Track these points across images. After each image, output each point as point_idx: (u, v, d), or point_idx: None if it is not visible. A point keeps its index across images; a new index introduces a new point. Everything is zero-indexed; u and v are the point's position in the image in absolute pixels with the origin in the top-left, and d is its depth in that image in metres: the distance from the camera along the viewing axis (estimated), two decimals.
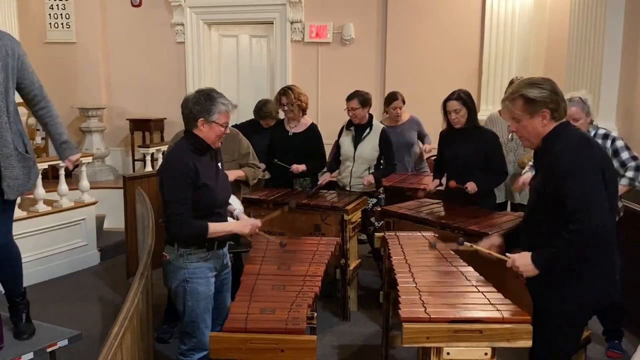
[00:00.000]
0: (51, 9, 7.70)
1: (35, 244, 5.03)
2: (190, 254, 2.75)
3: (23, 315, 3.10)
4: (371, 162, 4.51)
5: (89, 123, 7.57)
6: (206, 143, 2.76)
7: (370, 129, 4.51)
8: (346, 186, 4.58)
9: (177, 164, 2.70)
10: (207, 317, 2.83)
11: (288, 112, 4.63)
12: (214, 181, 2.79)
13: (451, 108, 3.97)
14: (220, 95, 2.76)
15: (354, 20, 7.06)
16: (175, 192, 2.66)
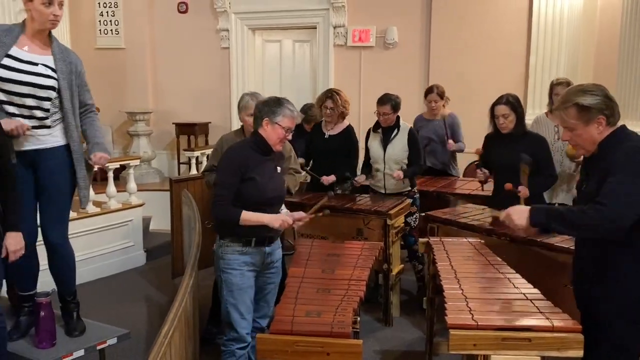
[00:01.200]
0: (101, 16, 7.94)
1: (85, 244, 5.17)
2: (227, 245, 2.90)
3: (74, 313, 3.20)
4: (402, 163, 4.51)
5: (137, 127, 7.76)
6: (267, 143, 2.90)
7: (398, 130, 4.51)
8: (380, 189, 4.57)
9: (232, 153, 2.93)
10: (243, 308, 2.89)
11: (329, 116, 4.64)
12: (265, 178, 2.88)
13: (499, 113, 3.90)
14: (288, 101, 2.95)
15: (397, 24, 7.04)
16: (223, 176, 2.86)
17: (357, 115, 6.98)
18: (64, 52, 3.01)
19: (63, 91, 2.96)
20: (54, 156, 3.01)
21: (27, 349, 2.95)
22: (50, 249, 3.09)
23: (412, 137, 4.52)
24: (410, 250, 4.67)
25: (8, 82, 2.86)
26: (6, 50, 2.87)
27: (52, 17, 2.87)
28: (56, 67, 2.95)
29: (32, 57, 2.92)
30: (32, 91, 2.90)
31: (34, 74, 2.90)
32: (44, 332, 2.92)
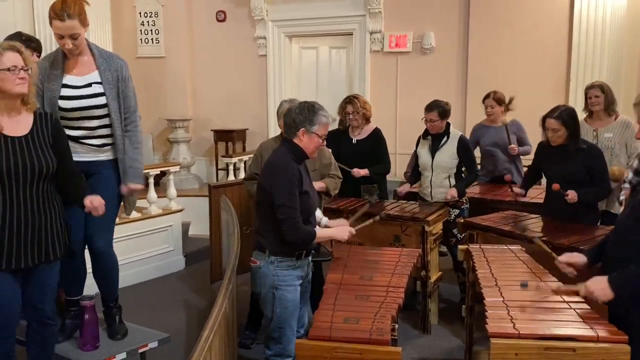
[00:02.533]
0: (142, 25, 8.13)
1: (126, 248, 5.28)
2: (280, 261, 2.82)
3: (117, 317, 3.27)
4: (450, 171, 4.44)
5: (176, 134, 7.90)
6: (304, 152, 2.86)
7: (448, 137, 4.44)
8: (427, 197, 4.52)
9: (287, 169, 2.78)
10: (294, 323, 2.89)
11: (352, 120, 4.63)
12: (311, 190, 2.90)
13: (549, 126, 3.76)
14: (321, 107, 2.88)
15: (434, 29, 6.99)
16: (287, 197, 2.73)
17: (393, 121, 6.97)
18: (108, 61, 3.04)
19: (110, 103, 3.01)
20: (104, 167, 3.10)
21: (72, 351, 3.03)
22: (95, 256, 3.16)
23: (462, 145, 4.42)
24: (455, 262, 4.60)
25: (72, 111, 2.96)
26: (60, 81, 2.95)
27: (65, 49, 2.92)
28: (102, 79, 2.99)
29: (83, 80, 2.98)
30: (92, 113, 2.99)
31: (90, 96, 2.98)
32: (88, 335, 3.00)
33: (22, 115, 2.62)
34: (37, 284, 2.71)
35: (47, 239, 2.67)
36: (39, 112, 2.69)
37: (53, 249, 2.70)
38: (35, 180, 2.59)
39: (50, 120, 2.72)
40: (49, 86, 2.94)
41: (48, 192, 2.67)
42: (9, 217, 2.54)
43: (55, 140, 2.70)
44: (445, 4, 6.96)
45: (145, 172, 5.64)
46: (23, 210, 2.57)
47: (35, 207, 2.61)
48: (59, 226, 2.73)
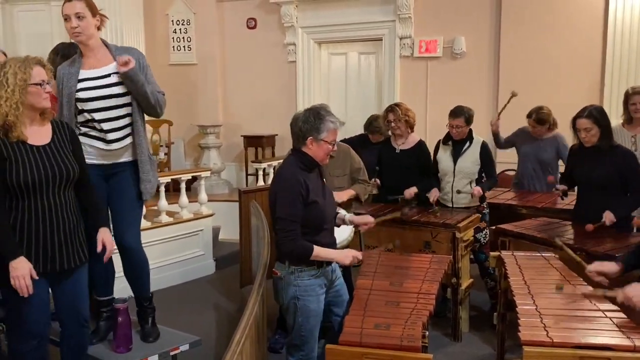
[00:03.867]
0: (174, 33, 8.26)
1: (158, 252, 5.35)
2: (301, 271, 2.80)
3: (149, 319, 3.31)
4: (472, 176, 4.40)
5: (207, 140, 7.99)
6: (314, 160, 2.83)
7: (470, 143, 4.41)
8: (448, 202, 4.49)
9: (289, 181, 2.76)
10: (316, 332, 2.87)
11: (395, 129, 4.60)
12: (322, 198, 2.85)
13: (581, 126, 3.71)
14: (328, 113, 2.83)
15: (465, 34, 6.94)
16: (287, 209, 2.72)
17: (423, 127, 6.92)
18: (123, 53, 3.08)
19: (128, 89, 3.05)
20: (124, 169, 3.15)
21: (105, 352, 3.08)
22: (125, 253, 3.21)
23: (484, 151, 4.40)
24: (481, 267, 4.56)
25: (91, 101, 3.01)
26: (76, 77, 3.02)
27: (71, 30, 2.99)
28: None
29: (100, 71, 3.05)
30: (112, 102, 3.03)
31: (109, 86, 3.03)
32: (121, 337, 3.05)
33: (41, 125, 2.68)
34: (71, 288, 2.76)
35: (76, 242, 2.73)
36: (54, 122, 2.76)
37: (83, 251, 2.77)
38: (62, 185, 2.65)
39: (68, 128, 2.79)
40: (67, 85, 3.01)
41: (72, 197, 2.74)
42: (42, 222, 2.59)
43: (74, 148, 2.77)
44: (476, 8, 6.90)
45: (177, 177, 5.77)
46: (54, 215, 2.63)
47: (64, 211, 2.67)
48: (84, 229, 2.79)
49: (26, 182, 2.53)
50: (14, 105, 2.50)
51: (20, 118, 2.54)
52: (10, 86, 2.50)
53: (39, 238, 2.60)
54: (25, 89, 2.52)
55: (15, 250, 2.53)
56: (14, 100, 2.50)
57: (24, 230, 2.57)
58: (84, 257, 2.78)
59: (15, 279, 2.49)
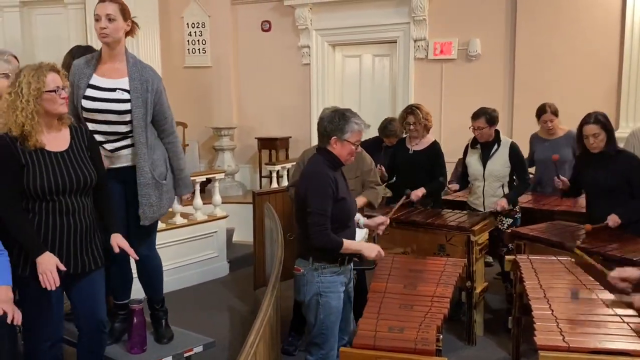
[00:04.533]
0: (189, 36, 8.30)
1: (173, 254, 5.38)
2: (324, 267, 2.84)
3: (163, 321, 3.33)
4: (503, 179, 4.36)
5: (221, 142, 8.03)
6: (339, 159, 2.88)
7: (499, 145, 4.36)
8: (479, 207, 4.44)
9: (320, 177, 2.82)
10: (336, 330, 2.90)
11: (413, 131, 4.58)
12: (348, 195, 2.91)
13: (589, 132, 3.73)
14: (354, 114, 2.89)
15: (480, 36, 6.90)
16: (319, 203, 2.77)
17: (438, 130, 6.89)
18: (140, 71, 3.08)
19: (134, 109, 3.02)
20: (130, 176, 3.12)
21: (120, 353, 3.10)
22: (139, 260, 3.24)
23: (514, 152, 4.34)
24: (504, 272, 4.52)
25: (92, 112, 3.01)
26: (88, 80, 3.02)
27: (99, 31, 2.97)
28: (130, 87, 3.03)
29: (110, 83, 3.03)
30: (114, 118, 3.02)
31: (113, 101, 3.01)
32: (135, 338, 3.07)
33: (59, 130, 2.69)
34: (88, 292, 2.77)
35: (93, 246, 2.74)
36: (73, 126, 2.76)
37: (99, 255, 2.78)
38: (80, 191, 2.66)
39: (86, 133, 2.80)
40: (78, 83, 3.01)
41: (90, 201, 2.75)
42: (59, 226, 2.61)
43: (92, 153, 2.78)
44: (491, 10, 6.86)
45: (192, 179, 5.74)
46: (72, 219, 2.64)
47: (81, 215, 2.68)
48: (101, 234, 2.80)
49: (43, 189, 2.55)
50: (30, 115, 2.52)
51: (36, 127, 2.55)
52: (25, 96, 2.52)
53: (55, 241, 2.61)
54: (40, 97, 2.54)
55: (40, 247, 2.55)
56: (29, 110, 2.52)
57: (40, 234, 2.59)
58: (101, 261, 2.79)
59: (43, 274, 2.52)
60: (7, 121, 2.53)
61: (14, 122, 2.51)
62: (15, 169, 2.53)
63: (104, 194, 2.83)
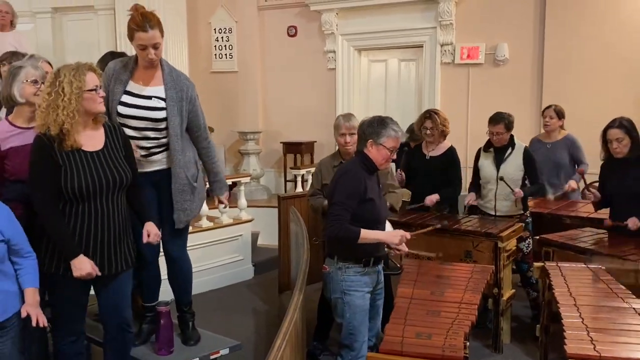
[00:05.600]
0: (216, 41, 8.39)
1: (199, 257, 5.40)
2: (348, 267, 2.90)
3: (190, 323, 3.36)
4: (516, 183, 4.34)
5: (247, 146, 8.09)
6: (374, 163, 2.93)
7: (513, 149, 4.36)
8: (490, 210, 4.41)
9: (352, 174, 2.90)
10: (364, 330, 2.93)
11: (430, 136, 4.56)
12: (378, 198, 2.95)
13: (613, 137, 3.74)
14: (393, 122, 2.96)
15: (508, 40, 6.84)
16: (342, 196, 2.83)
17: (464, 135, 6.85)
18: (175, 80, 3.10)
19: (170, 117, 3.05)
20: (166, 178, 3.16)
21: (148, 355, 3.14)
22: (169, 261, 3.29)
23: (527, 156, 4.35)
24: (523, 277, 4.47)
25: (127, 118, 3.05)
26: (124, 87, 3.06)
27: (148, 59, 3.00)
28: (166, 96, 3.06)
29: (146, 91, 3.06)
30: (149, 125, 3.06)
31: (149, 109, 3.05)
32: (163, 339, 3.10)
33: (94, 129, 2.72)
34: (117, 291, 2.81)
35: (125, 247, 2.78)
36: (107, 125, 2.79)
37: (130, 256, 2.81)
38: (114, 191, 2.70)
39: (120, 132, 2.82)
40: (113, 89, 3.04)
41: (124, 202, 2.78)
42: (93, 226, 2.65)
43: (126, 152, 2.81)
44: (519, 14, 6.79)
45: None
46: (105, 219, 2.67)
47: (114, 216, 2.71)
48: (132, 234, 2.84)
49: (80, 189, 2.59)
50: (71, 113, 2.56)
51: (76, 126, 2.59)
52: (67, 95, 2.55)
53: (89, 242, 2.65)
54: (81, 96, 2.58)
55: (75, 249, 2.60)
56: (70, 109, 2.56)
57: (75, 234, 2.63)
58: (131, 262, 2.82)
59: (79, 277, 2.58)
60: (45, 121, 2.58)
61: (54, 121, 2.55)
62: (53, 170, 2.57)
63: (136, 190, 2.86)
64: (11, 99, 2.86)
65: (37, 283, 2.56)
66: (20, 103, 2.86)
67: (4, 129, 2.84)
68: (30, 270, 2.55)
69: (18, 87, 2.83)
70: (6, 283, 2.47)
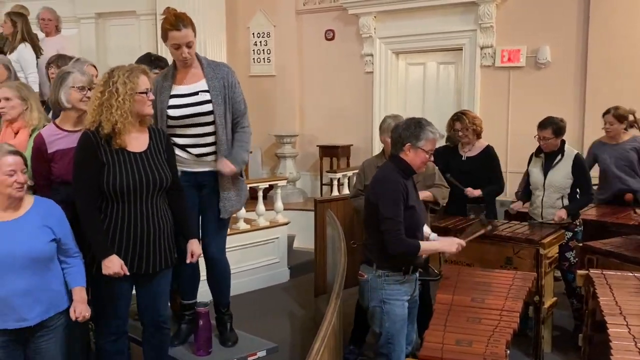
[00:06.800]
0: (255, 46, 8.46)
1: (236, 259, 5.44)
2: (387, 275, 2.85)
3: (228, 324, 3.39)
4: (564, 191, 4.23)
5: (284, 149, 8.13)
6: (411, 167, 2.87)
7: (562, 156, 4.23)
8: (538, 217, 4.32)
9: (393, 183, 2.83)
10: (402, 339, 2.88)
11: (462, 137, 4.49)
12: (417, 204, 2.90)
13: None
14: (429, 123, 2.89)
15: (550, 43, 6.68)
16: (392, 209, 2.77)
17: (504, 138, 6.73)
18: (214, 69, 3.17)
19: (216, 107, 3.11)
20: (211, 180, 3.21)
21: (186, 355, 3.17)
22: (209, 262, 3.32)
23: (578, 164, 4.21)
24: (569, 287, 4.36)
25: (179, 119, 3.11)
26: (169, 92, 3.12)
27: (181, 58, 3.06)
28: (209, 87, 3.12)
29: (190, 88, 3.13)
30: (199, 120, 3.12)
31: (197, 104, 3.11)
32: (202, 340, 3.13)
33: (140, 131, 2.78)
34: (155, 290, 2.86)
35: (165, 247, 2.81)
36: (152, 128, 2.84)
37: (170, 256, 2.85)
38: (154, 192, 2.74)
39: (164, 136, 2.88)
40: (160, 98, 3.11)
41: (164, 203, 2.83)
42: (133, 226, 2.70)
43: (168, 155, 2.85)
44: (562, 16, 6.64)
45: (254, 185, 5.88)
46: (145, 220, 2.72)
47: (155, 216, 2.75)
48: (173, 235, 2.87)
49: (121, 188, 2.65)
50: (124, 113, 2.62)
51: (127, 126, 2.66)
52: (121, 95, 2.63)
53: (130, 241, 2.70)
54: (133, 97, 2.65)
55: (107, 249, 2.65)
56: (124, 109, 2.62)
57: (116, 233, 2.69)
58: (171, 261, 2.86)
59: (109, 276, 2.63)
60: (96, 118, 2.65)
61: (107, 120, 2.62)
62: (96, 168, 2.64)
63: (178, 195, 2.91)
64: (58, 103, 2.94)
65: (84, 282, 2.62)
66: (67, 108, 2.94)
67: (51, 132, 2.93)
68: (78, 269, 2.62)
69: (65, 92, 2.91)
70: (54, 282, 2.54)
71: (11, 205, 2.45)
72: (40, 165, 2.86)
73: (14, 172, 2.38)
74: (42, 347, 2.52)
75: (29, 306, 2.44)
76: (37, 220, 2.48)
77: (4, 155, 2.38)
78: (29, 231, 2.44)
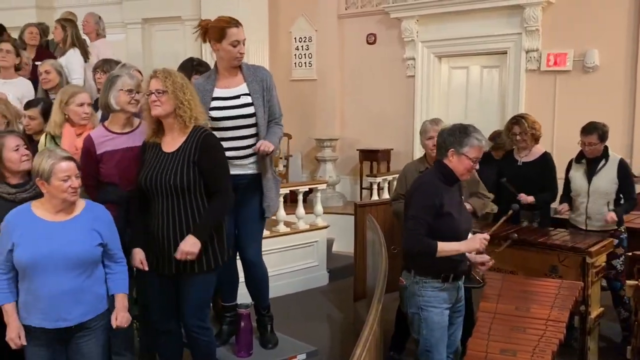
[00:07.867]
0: (296, 50, 8.52)
1: (275, 261, 5.46)
2: (425, 282, 2.80)
3: (268, 326, 3.42)
4: (609, 197, 4.11)
5: (324, 153, 8.15)
6: (454, 174, 2.81)
7: (606, 160, 4.13)
8: (581, 224, 4.21)
9: (427, 187, 2.81)
10: (442, 348, 2.82)
11: (520, 142, 4.39)
12: (458, 212, 2.83)
13: None
14: (476, 130, 2.82)
15: (598, 46, 6.51)
16: (417, 210, 2.76)
17: (549, 144, 6.57)
18: (254, 73, 3.23)
19: (257, 109, 3.17)
20: (249, 183, 3.25)
21: (228, 356, 3.22)
22: (246, 265, 3.34)
23: (622, 169, 4.12)
24: (615, 296, 4.23)
25: (221, 121, 3.16)
26: (210, 95, 3.18)
27: (239, 55, 3.12)
28: (250, 91, 3.18)
29: (232, 92, 3.19)
30: (242, 122, 3.17)
31: (239, 107, 3.17)
32: (243, 342, 3.17)
33: (178, 132, 2.81)
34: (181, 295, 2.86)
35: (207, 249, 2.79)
36: (194, 129, 2.81)
37: (206, 261, 2.80)
38: (178, 193, 2.73)
39: (200, 135, 2.79)
40: (201, 100, 3.11)
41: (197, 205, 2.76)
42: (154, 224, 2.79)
43: (200, 156, 2.75)
44: (611, 19, 6.45)
45: (294, 188, 5.92)
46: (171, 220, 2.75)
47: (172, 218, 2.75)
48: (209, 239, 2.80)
49: (139, 184, 2.80)
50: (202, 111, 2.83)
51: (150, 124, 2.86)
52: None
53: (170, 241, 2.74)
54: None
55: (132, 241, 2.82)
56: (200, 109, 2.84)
57: (153, 232, 2.78)
58: (213, 264, 2.83)
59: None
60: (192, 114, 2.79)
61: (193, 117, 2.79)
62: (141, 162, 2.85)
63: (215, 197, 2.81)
64: (108, 106, 3.02)
65: (127, 289, 2.67)
66: (116, 110, 3.01)
67: (100, 134, 3.01)
68: (121, 275, 2.66)
69: (114, 95, 2.99)
70: (96, 285, 2.58)
71: (64, 208, 2.52)
72: (88, 166, 2.94)
73: (69, 177, 2.45)
74: (83, 347, 2.56)
75: (70, 307, 2.48)
76: (87, 223, 2.54)
77: (59, 161, 2.45)
78: (78, 233, 2.50)
